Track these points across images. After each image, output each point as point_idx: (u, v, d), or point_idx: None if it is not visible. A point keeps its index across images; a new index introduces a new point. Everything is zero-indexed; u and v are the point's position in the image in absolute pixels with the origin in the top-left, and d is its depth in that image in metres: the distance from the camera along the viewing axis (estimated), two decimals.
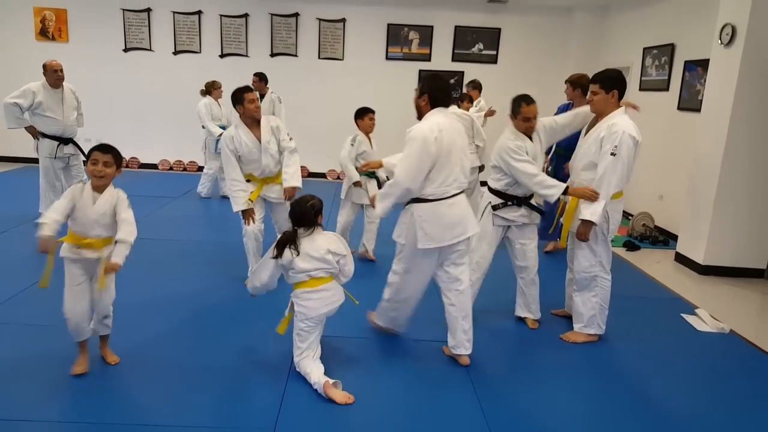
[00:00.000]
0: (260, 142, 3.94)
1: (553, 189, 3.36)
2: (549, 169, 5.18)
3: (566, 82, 4.87)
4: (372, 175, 4.78)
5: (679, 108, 6.29)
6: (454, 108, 5.27)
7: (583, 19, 8.42)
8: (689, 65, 6.11)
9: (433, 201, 2.96)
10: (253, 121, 3.97)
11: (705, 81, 5.37)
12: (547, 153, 5.07)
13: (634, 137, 3.19)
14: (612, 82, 3.29)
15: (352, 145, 4.70)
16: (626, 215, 7.09)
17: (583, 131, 3.56)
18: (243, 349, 3.19)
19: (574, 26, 8.53)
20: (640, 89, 7.13)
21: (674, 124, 6.37)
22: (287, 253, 2.80)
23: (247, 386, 2.82)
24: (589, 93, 3.41)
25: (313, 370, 2.79)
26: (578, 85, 4.67)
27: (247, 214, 3.99)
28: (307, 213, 2.85)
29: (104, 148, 2.71)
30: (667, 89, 6.55)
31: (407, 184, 2.91)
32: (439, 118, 2.97)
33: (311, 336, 2.86)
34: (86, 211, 2.66)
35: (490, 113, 6.99)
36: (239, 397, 2.72)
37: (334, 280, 2.93)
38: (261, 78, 7.04)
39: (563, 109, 4.82)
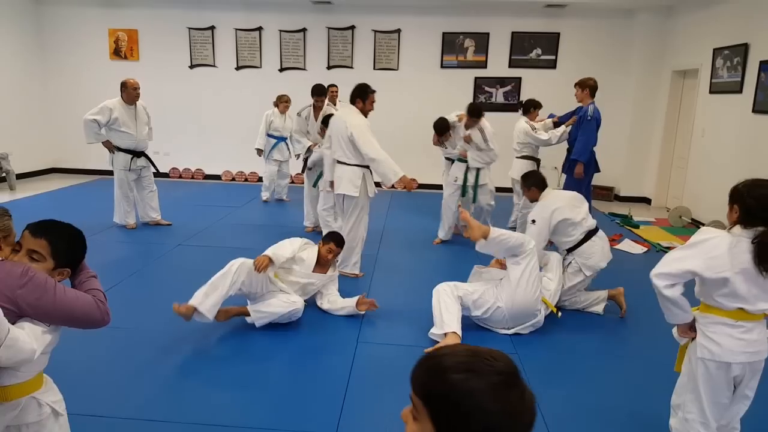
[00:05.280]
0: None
1: None
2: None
3: (575, 85, 5.55)
4: None
5: (754, 111, 5.95)
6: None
7: (645, 20, 8.13)
8: (765, 65, 5.78)
9: None
10: None
11: None
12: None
13: None
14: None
15: None
16: (696, 224, 6.76)
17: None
18: (304, 350, 3.26)
19: (637, 28, 8.24)
20: (711, 92, 6.80)
21: (748, 128, 6.03)
22: None
23: (305, 392, 2.88)
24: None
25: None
26: (585, 86, 5.44)
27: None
28: None
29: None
30: (740, 91, 6.21)
31: None
32: None
33: None
34: None
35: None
36: (299, 399, 2.78)
37: None
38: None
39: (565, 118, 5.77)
